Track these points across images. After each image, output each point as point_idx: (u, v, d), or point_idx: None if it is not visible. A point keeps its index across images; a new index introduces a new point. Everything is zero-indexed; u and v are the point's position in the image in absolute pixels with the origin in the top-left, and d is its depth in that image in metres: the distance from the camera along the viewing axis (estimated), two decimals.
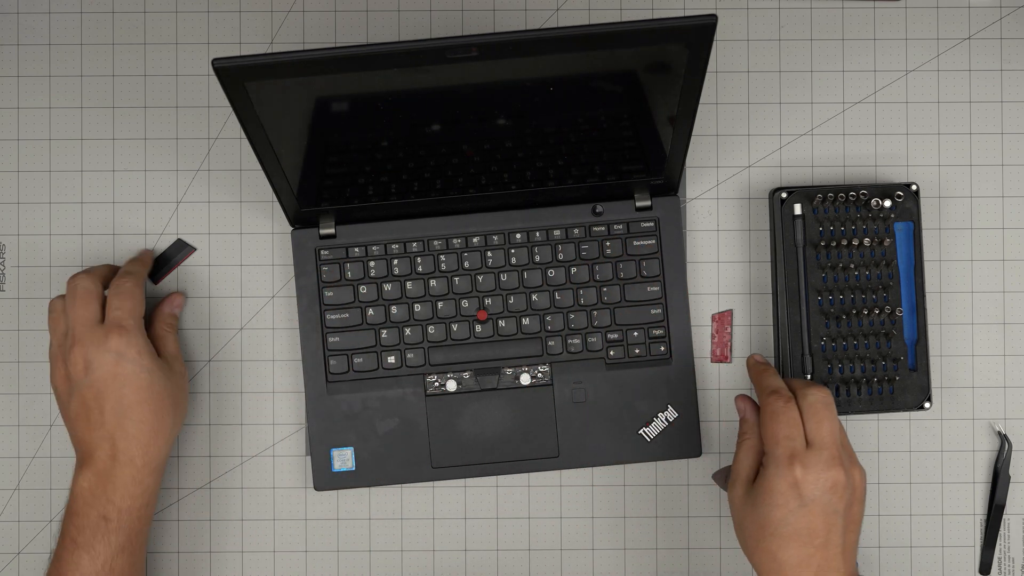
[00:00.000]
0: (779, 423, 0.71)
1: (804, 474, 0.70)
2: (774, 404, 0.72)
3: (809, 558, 0.69)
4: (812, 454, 0.70)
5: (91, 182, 0.85)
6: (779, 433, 0.71)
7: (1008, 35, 0.85)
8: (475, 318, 0.82)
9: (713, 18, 0.66)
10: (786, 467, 0.70)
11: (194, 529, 0.84)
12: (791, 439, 0.71)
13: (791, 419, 0.72)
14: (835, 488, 0.70)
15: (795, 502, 0.69)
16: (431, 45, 0.65)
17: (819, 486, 0.70)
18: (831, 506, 0.70)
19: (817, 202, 0.81)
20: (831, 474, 0.70)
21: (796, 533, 0.69)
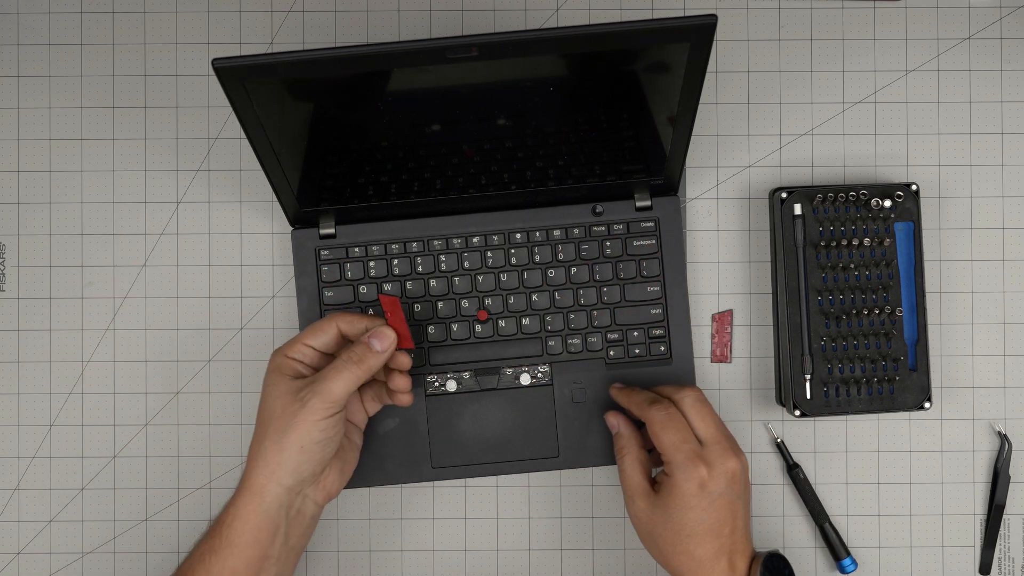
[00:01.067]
0: (671, 430, 0.74)
1: (709, 472, 0.72)
2: (659, 414, 0.74)
3: (721, 548, 0.73)
4: (709, 451, 0.73)
5: (91, 182, 0.85)
6: (675, 439, 0.73)
7: (1008, 35, 0.85)
8: (475, 318, 0.82)
9: (713, 18, 0.66)
10: (692, 469, 0.72)
11: (194, 529, 0.84)
12: (686, 442, 0.73)
13: (680, 424, 0.74)
14: (735, 477, 0.73)
15: (706, 500, 0.72)
16: (431, 45, 0.65)
17: (723, 479, 0.73)
18: (734, 494, 0.73)
19: (817, 202, 0.81)
20: (729, 465, 0.73)
21: (709, 529, 0.72)
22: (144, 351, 0.84)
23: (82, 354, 0.84)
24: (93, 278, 0.85)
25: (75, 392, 0.84)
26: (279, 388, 0.72)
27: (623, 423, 0.78)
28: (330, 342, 0.75)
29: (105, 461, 0.84)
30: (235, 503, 0.72)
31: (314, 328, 0.75)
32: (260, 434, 0.72)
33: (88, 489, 0.84)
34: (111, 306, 0.84)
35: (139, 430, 0.84)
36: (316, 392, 0.71)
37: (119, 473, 0.84)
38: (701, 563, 0.73)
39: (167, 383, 0.84)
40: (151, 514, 0.84)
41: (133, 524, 0.84)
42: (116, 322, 0.84)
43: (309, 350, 0.74)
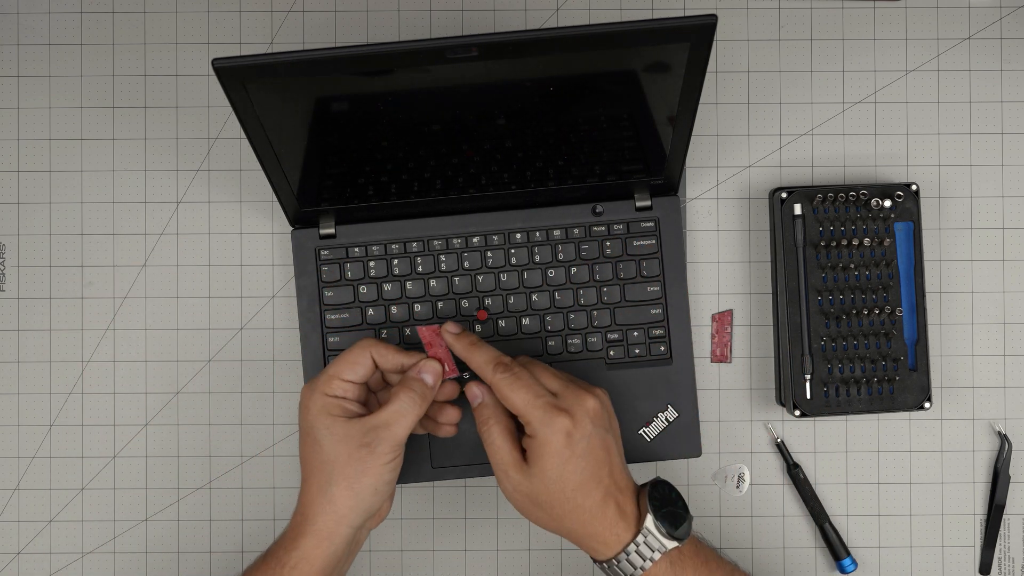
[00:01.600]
0: (520, 388, 0.70)
1: (571, 419, 0.70)
2: (504, 375, 0.71)
3: (607, 492, 0.71)
4: (563, 398, 0.71)
5: (91, 182, 0.85)
6: (528, 396, 0.70)
7: (1008, 35, 0.85)
8: (475, 318, 0.82)
9: (713, 18, 0.66)
10: (553, 421, 0.69)
11: (194, 529, 0.84)
12: (540, 395, 0.70)
13: (528, 379, 0.71)
14: (597, 413, 0.71)
15: (579, 447, 0.70)
16: (431, 45, 0.65)
17: (587, 420, 0.70)
18: (602, 430, 0.71)
19: (817, 202, 0.81)
20: (588, 404, 0.71)
21: (591, 475, 0.70)
22: (144, 351, 0.84)
23: (82, 354, 0.84)
24: (93, 278, 0.85)
25: (75, 392, 0.84)
26: (337, 432, 0.71)
27: (486, 392, 0.73)
28: (367, 374, 0.73)
29: (105, 461, 0.84)
30: (300, 546, 0.71)
31: (348, 361, 0.72)
32: (323, 479, 0.71)
33: (88, 489, 0.84)
34: (111, 306, 0.84)
35: (139, 430, 0.84)
36: (383, 439, 0.70)
37: (119, 473, 0.84)
38: (592, 513, 0.70)
39: (167, 383, 0.84)
40: (151, 514, 0.84)
41: (133, 524, 0.84)
42: (116, 322, 0.84)
43: (349, 385, 0.72)
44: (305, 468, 0.72)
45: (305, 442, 0.72)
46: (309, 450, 0.72)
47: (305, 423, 0.72)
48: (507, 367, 0.72)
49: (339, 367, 0.72)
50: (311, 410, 0.71)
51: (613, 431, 0.73)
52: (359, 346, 0.73)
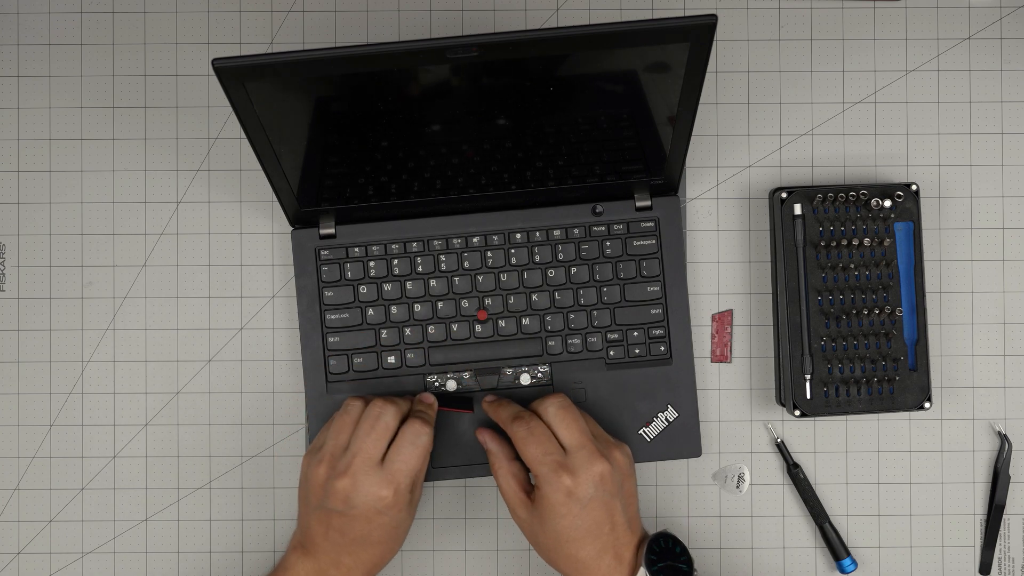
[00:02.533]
0: (532, 444, 0.74)
1: (574, 480, 0.73)
2: (520, 429, 0.75)
3: (604, 546, 0.73)
4: (572, 459, 0.73)
5: (91, 182, 0.85)
6: (538, 452, 0.74)
7: (1008, 35, 0.85)
8: (475, 318, 0.82)
9: (713, 18, 0.66)
10: (556, 480, 0.73)
11: (194, 529, 0.84)
12: (549, 453, 0.73)
13: (541, 436, 0.74)
14: (603, 479, 0.73)
15: (576, 507, 0.73)
16: (431, 45, 0.65)
17: (590, 484, 0.73)
18: (606, 495, 0.73)
19: (817, 202, 0.81)
20: (596, 469, 0.73)
21: (587, 532, 0.73)
22: (144, 351, 0.84)
23: (82, 354, 0.84)
24: (93, 278, 0.85)
25: (75, 392, 0.84)
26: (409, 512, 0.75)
27: (490, 439, 0.78)
28: None
29: (105, 461, 0.84)
30: None
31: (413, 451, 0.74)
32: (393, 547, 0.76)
33: (88, 489, 0.84)
34: (111, 306, 0.84)
35: (139, 430, 0.84)
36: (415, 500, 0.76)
37: (119, 473, 0.84)
38: (586, 564, 0.73)
39: (167, 383, 0.84)
40: (151, 514, 0.84)
41: (133, 524, 0.84)
42: (116, 322, 0.84)
43: None
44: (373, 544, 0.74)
45: (381, 528, 0.74)
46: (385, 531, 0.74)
47: (389, 519, 0.74)
48: (524, 421, 0.75)
49: (416, 464, 0.74)
50: (402, 509, 0.74)
51: (623, 493, 0.75)
52: (424, 440, 0.75)
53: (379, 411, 0.75)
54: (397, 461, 0.73)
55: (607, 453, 0.74)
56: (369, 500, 0.72)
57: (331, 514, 0.73)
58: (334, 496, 0.73)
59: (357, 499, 0.72)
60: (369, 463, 0.73)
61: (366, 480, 0.72)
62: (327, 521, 0.73)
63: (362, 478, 0.72)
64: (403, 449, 0.74)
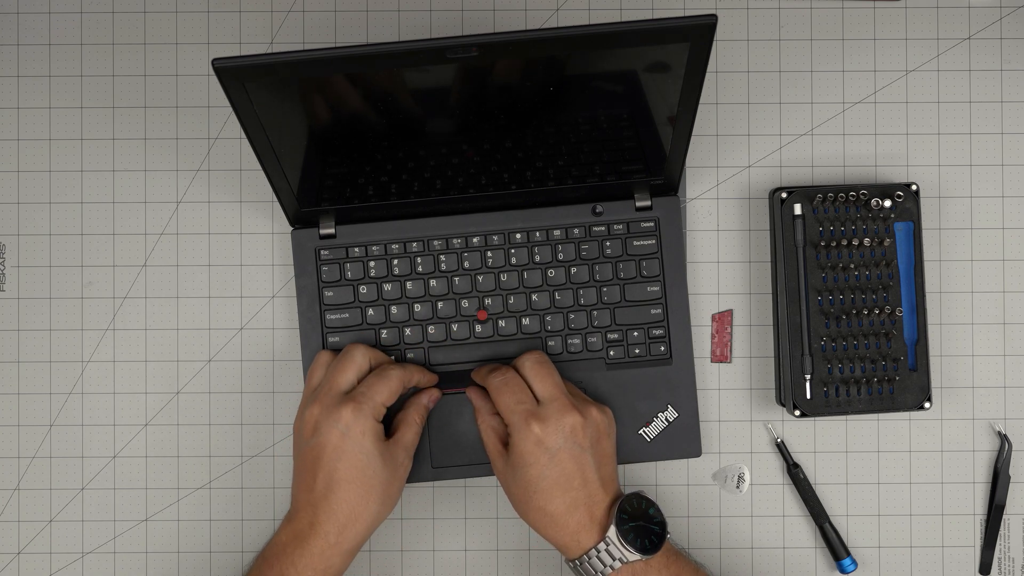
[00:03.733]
0: (506, 393, 0.75)
1: (543, 428, 0.73)
2: (495, 379, 0.76)
3: (575, 500, 0.73)
4: (544, 408, 0.74)
5: (91, 182, 0.85)
6: (510, 401, 0.75)
7: (1008, 35, 0.85)
8: (475, 318, 0.82)
9: (713, 18, 0.66)
10: (526, 428, 0.73)
11: (194, 529, 0.84)
12: (522, 402, 0.75)
13: (516, 385, 0.76)
14: (575, 431, 0.74)
15: (544, 456, 0.73)
16: (431, 45, 0.65)
17: (560, 434, 0.73)
18: (577, 447, 0.74)
19: (817, 202, 0.81)
20: (567, 420, 0.74)
21: (555, 483, 0.73)
22: (144, 351, 0.84)
23: (82, 354, 0.84)
24: (93, 278, 0.85)
25: (75, 392, 0.84)
26: (384, 454, 0.75)
27: (476, 395, 0.79)
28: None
29: (105, 461, 0.84)
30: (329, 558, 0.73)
31: (389, 390, 0.75)
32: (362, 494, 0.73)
33: (88, 489, 0.84)
34: (111, 306, 0.84)
35: (139, 430, 0.84)
36: (409, 456, 0.77)
37: (119, 473, 0.84)
38: (554, 517, 0.73)
39: (167, 383, 0.84)
40: (151, 514, 0.84)
41: (133, 524, 0.84)
42: (116, 322, 0.84)
43: (384, 410, 0.76)
44: (340, 483, 0.73)
45: (345, 460, 0.73)
46: (350, 466, 0.73)
47: (352, 445, 0.73)
48: (501, 372, 0.77)
49: (381, 394, 0.75)
50: (366, 435, 0.74)
51: (597, 450, 0.75)
52: (395, 375, 0.76)
53: (349, 351, 0.77)
54: (362, 386, 0.75)
55: (581, 407, 0.75)
56: (331, 424, 0.73)
57: (303, 453, 0.74)
58: (304, 428, 0.74)
59: (321, 422, 0.73)
60: (334, 391, 0.75)
61: (329, 402, 0.74)
62: (302, 464, 0.74)
63: (326, 402, 0.74)
64: (369, 379, 0.75)
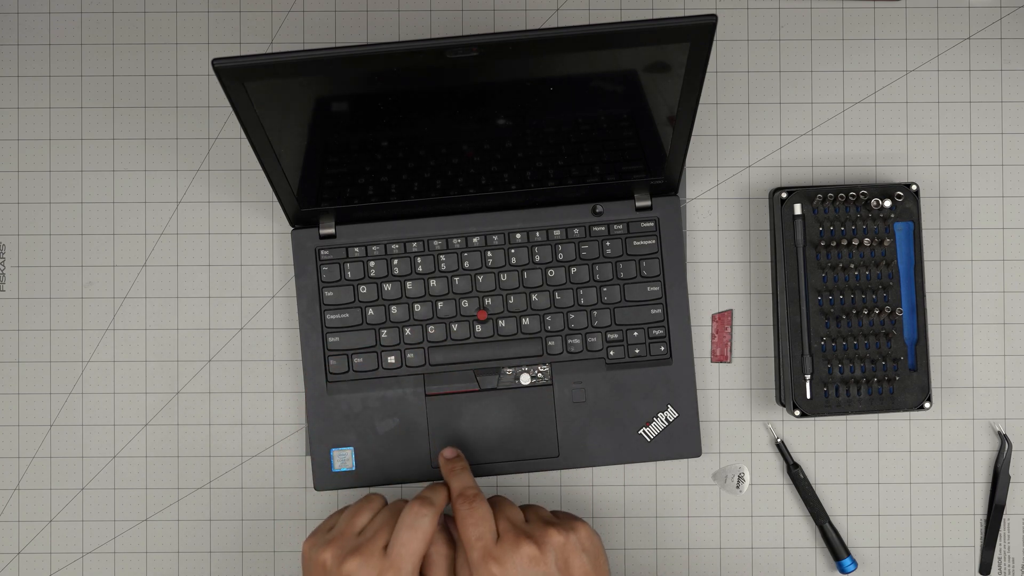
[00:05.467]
0: (468, 526, 0.72)
1: (500, 567, 0.70)
2: (462, 508, 0.73)
3: None
4: (499, 545, 0.71)
5: (91, 182, 0.85)
6: (471, 536, 0.71)
7: (1008, 35, 0.85)
8: (475, 318, 0.82)
9: (713, 18, 0.66)
10: (484, 568, 0.70)
11: (194, 529, 0.84)
12: (481, 538, 0.71)
13: (479, 517, 0.72)
14: (534, 561, 0.70)
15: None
16: (431, 45, 0.65)
17: (519, 568, 0.70)
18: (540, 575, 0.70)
19: (817, 202, 0.81)
20: (523, 551, 0.70)
21: None
22: (144, 351, 0.84)
23: (82, 354, 0.84)
24: (93, 278, 0.85)
25: (75, 392, 0.84)
26: None
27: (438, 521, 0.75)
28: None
29: (105, 461, 0.84)
30: None
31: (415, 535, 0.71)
32: None
33: (88, 489, 0.84)
34: (111, 306, 0.84)
35: (139, 430, 0.84)
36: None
37: (119, 473, 0.84)
38: None
39: (167, 383, 0.84)
40: (151, 514, 0.84)
41: (133, 524, 0.84)
42: (116, 322, 0.84)
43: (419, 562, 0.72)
44: None
45: None
46: None
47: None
48: (468, 500, 0.73)
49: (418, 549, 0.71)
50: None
51: (571, 573, 0.71)
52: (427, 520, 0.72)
53: (400, 504, 0.74)
54: (396, 545, 0.71)
55: (536, 534, 0.71)
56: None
57: None
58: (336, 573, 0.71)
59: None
60: (377, 547, 0.71)
61: (369, 562, 0.70)
62: None
63: (367, 559, 0.70)
64: (401, 533, 0.71)
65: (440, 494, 0.75)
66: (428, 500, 0.73)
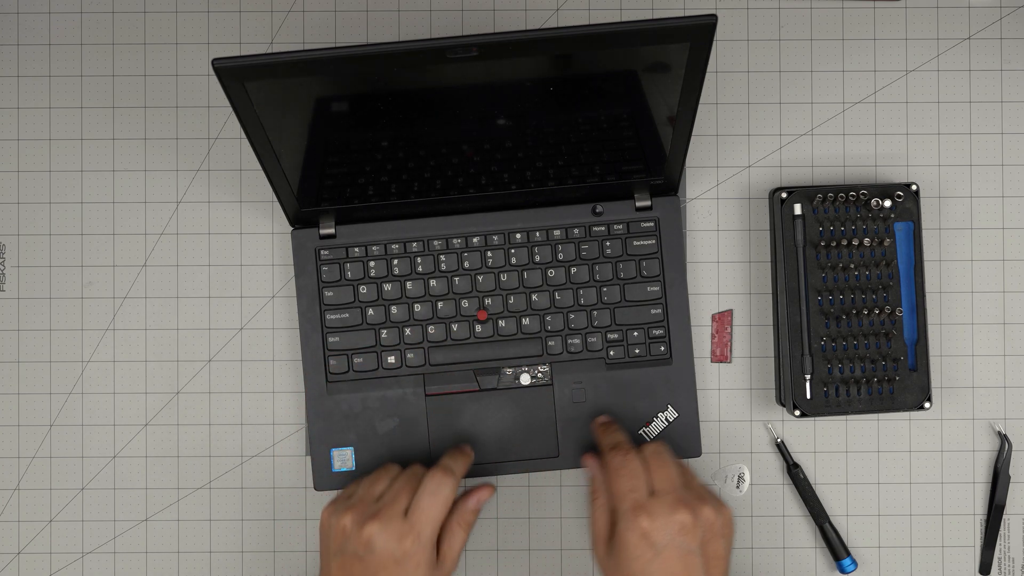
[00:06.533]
0: (621, 477, 0.73)
1: (651, 523, 0.70)
2: (615, 459, 0.74)
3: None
4: (655, 502, 0.71)
5: (91, 182, 0.85)
6: (623, 487, 0.72)
7: (1008, 35, 0.85)
8: (475, 318, 0.82)
9: (713, 18, 0.66)
10: (633, 519, 0.70)
11: (194, 529, 0.84)
12: (634, 491, 0.72)
13: (632, 471, 0.73)
14: (684, 529, 0.70)
15: (649, 552, 0.70)
16: (431, 45, 0.65)
17: (668, 531, 0.70)
18: (685, 547, 0.70)
19: (817, 202, 0.81)
20: (677, 517, 0.70)
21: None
22: (144, 351, 0.84)
23: (82, 354, 0.84)
24: (93, 278, 0.85)
25: (75, 392, 0.84)
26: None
27: (597, 468, 0.77)
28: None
29: (105, 461, 0.84)
30: None
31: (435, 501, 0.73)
32: None
33: (88, 489, 0.84)
34: (111, 306, 0.84)
35: (139, 430, 0.84)
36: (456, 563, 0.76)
37: (119, 473, 0.84)
38: None
39: (167, 383, 0.84)
40: (151, 514, 0.84)
41: (133, 524, 0.84)
42: (116, 322, 0.84)
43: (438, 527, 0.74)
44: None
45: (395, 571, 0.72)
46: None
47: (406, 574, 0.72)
48: (622, 452, 0.74)
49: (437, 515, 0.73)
50: (420, 567, 0.72)
51: (707, 552, 0.71)
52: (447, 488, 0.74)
53: (418, 470, 0.76)
54: (417, 511, 0.73)
55: (694, 505, 0.71)
56: (389, 546, 0.71)
57: (351, 560, 0.72)
58: (357, 540, 0.72)
59: (378, 543, 0.71)
60: (397, 511, 0.72)
61: (390, 525, 0.72)
62: (347, 568, 0.72)
63: (387, 523, 0.72)
64: (422, 499, 0.73)
65: (460, 463, 0.76)
66: (449, 469, 0.75)
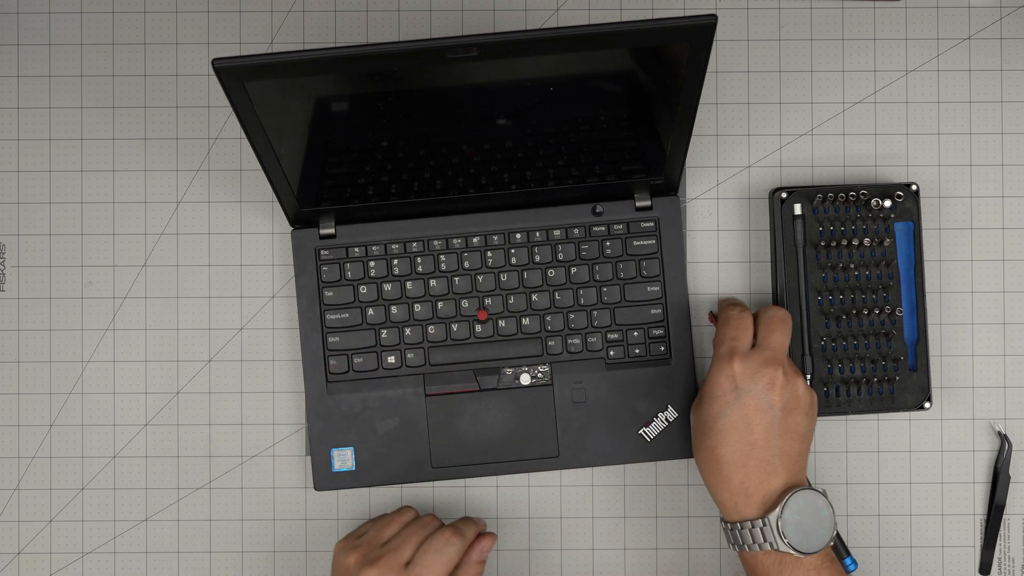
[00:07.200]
0: (728, 326, 0.74)
1: (741, 368, 0.72)
2: (728, 311, 0.76)
3: (746, 456, 0.71)
4: (753, 352, 0.73)
5: (91, 182, 0.85)
6: (726, 334, 0.74)
7: (1008, 35, 0.85)
8: (475, 318, 0.82)
9: (713, 18, 0.66)
10: (726, 361, 0.73)
11: (194, 529, 0.84)
12: (735, 339, 0.74)
13: (740, 324, 0.74)
14: (772, 385, 0.71)
15: (731, 394, 0.71)
16: (431, 45, 0.65)
17: (755, 380, 0.71)
18: (767, 402, 0.71)
19: (817, 202, 0.81)
20: (768, 371, 0.72)
21: (732, 426, 0.71)
22: (144, 351, 0.84)
23: (82, 354, 0.84)
24: (93, 278, 0.85)
25: (75, 392, 0.84)
26: None
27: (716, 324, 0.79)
28: None
29: (105, 461, 0.84)
30: None
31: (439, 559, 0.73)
32: None
33: (88, 489, 0.84)
34: (111, 306, 0.84)
35: (139, 430, 0.84)
36: None
37: (119, 473, 0.84)
38: (721, 464, 0.71)
39: (167, 383, 0.84)
40: (151, 514, 0.84)
41: (133, 524, 0.84)
42: (116, 322, 0.84)
43: None
44: None
45: None
46: None
47: None
48: (738, 307, 0.77)
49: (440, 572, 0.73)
50: None
51: (787, 420, 0.72)
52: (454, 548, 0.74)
53: (430, 521, 0.76)
54: (419, 566, 0.72)
55: (789, 371, 0.73)
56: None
57: None
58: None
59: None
60: (398, 561, 0.72)
61: (387, 574, 0.72)
62: None
63: (385, 572, 0.72)
64: (427, 556, 0.73)
65: (471, 529, 0.76)
66: (460, 531, 0.75)
